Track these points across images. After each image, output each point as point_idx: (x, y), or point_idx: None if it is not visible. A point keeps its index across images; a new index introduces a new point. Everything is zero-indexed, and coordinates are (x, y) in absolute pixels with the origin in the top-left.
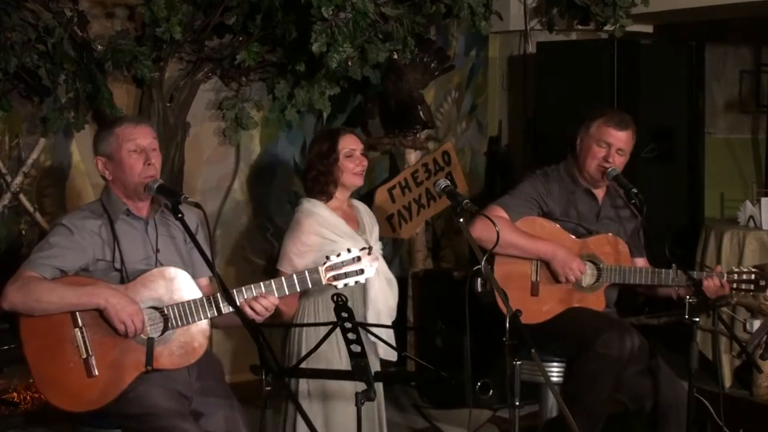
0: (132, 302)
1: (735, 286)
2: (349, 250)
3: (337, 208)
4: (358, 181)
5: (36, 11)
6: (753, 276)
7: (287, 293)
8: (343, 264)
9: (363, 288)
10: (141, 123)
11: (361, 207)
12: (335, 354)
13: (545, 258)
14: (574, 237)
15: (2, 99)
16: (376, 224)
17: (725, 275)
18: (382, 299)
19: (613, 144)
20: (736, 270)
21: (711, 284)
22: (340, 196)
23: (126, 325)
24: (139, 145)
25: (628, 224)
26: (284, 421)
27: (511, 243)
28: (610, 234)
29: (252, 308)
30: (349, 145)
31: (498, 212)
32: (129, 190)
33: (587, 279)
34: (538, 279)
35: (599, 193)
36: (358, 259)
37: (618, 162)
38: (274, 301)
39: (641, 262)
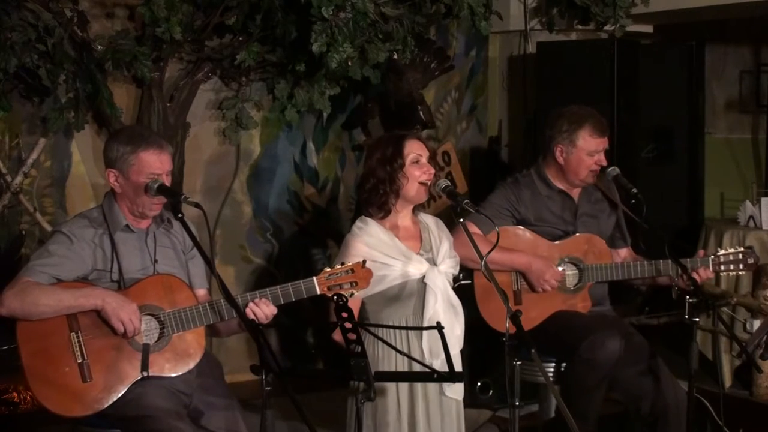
0: (130, 302)
1: (723, 268)
2: (363, 263)
3: (395, 226)
4: (423, 194)
5: (36, 11)
6: (740, 255)
7: (282, 302)
8: (337, 276)
9: (421, 309)
10: (164, 150)
11: (430, 222)
12: (388, 356)
13: (520, 270)
14: (551, 241)
15: (2, 99)
16: (447, 240)
17: (711, 258)
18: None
19: (601, 149)
20: (722, 252)
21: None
22: (401, 210)
23: (124, 323)
24: (158, 173)
25: (609, 217)
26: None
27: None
28: (588, 233)
29: (254, 313)
30: (416, 150)
31: (469, 227)
32: (136, 207)
33: (570, 280)
34: (520, 288)
35: (575, 192)
36: (352, 271)
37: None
38: (273, 310)
39: (624, 252)
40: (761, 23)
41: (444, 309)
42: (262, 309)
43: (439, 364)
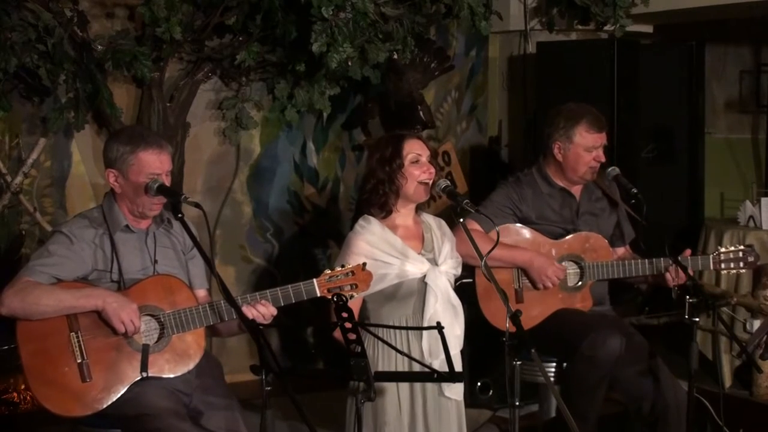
0: (130, 302)
1: (723, 266)
2: (363, 266)
3: (396, 226)
4: (424, 193)
5: (36, 11)
6: (741, 254)
7: (282, 304)
8: (337, 278)
9: (421, 308)
10: (163, 150)
11: (433, 222)
12: (388, 356)
13: (522, 266)
14: (552, 239)
15: (2, 99)
16: (449, 241)
17: (711, 256)
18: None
19: (599, 145)
20: (723, 250)
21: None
22: (403, 210)
23: (125, 323)
24: (157, 173)
25: (610, 216)
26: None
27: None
28: (588, 231)
29: (254, 314)
30: (416, 149)
31: (471, 225)
32: (136, 207)
33: (571, 279)
34: (521, 286)
35: (576, 190)
36: (352, 273)
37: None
38: (272, 311)
39: (621, 251)
40: (761, 23)
41: (444, 309)
42: (262, 310)
43: (439, 364)
